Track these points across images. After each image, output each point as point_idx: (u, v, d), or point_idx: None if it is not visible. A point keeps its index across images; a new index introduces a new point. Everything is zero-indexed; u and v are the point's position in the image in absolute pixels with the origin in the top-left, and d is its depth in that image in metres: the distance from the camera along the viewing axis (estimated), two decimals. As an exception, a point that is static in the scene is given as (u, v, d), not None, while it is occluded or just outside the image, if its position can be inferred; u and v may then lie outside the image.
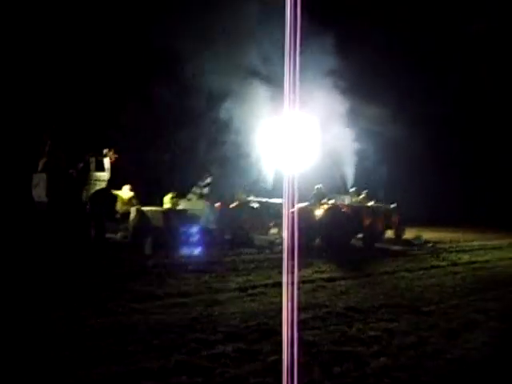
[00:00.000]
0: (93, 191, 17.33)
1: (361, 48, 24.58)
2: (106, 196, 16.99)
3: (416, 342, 6.77)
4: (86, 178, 17.37)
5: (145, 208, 16.80)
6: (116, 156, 17.89)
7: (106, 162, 17.80)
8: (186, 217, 17.69)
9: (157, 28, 19.44)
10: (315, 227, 18.53)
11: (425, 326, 7.60)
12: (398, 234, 23.16)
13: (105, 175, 17.71)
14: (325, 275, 12.28)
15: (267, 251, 16.63)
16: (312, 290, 10.27)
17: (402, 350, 6.39)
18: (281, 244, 16.72)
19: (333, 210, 19.37)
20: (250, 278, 11.55)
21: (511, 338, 7.20)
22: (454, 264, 15.71)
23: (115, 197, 16.95)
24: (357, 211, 20.55)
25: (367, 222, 20.40)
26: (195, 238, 16.19)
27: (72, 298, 8.64)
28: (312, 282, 11.13)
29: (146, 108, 24.99)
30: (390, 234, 22.98)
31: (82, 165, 17.48)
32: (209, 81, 19.62)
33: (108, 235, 17.07)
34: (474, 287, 11.53)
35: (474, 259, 17.01)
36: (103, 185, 17.55)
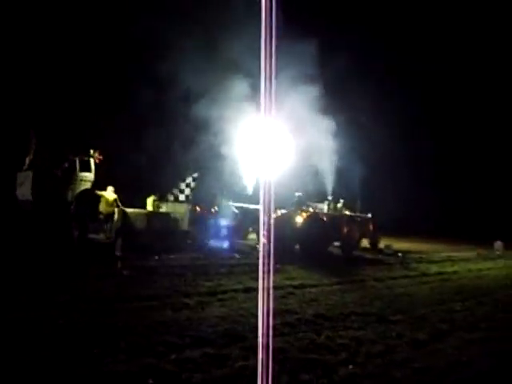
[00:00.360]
0: (78, 191, 17.22)
1: (338, 53, 24.80)
2: (91, 197, 16.89)
3: (383, 350, 6.80)
4: (71, 178, 17.24)
5: (128, 210, 16.84)
6: (101, 157, 17.79)
7: (92, 162, 17.72)
8: (168, 220, 17.94)
9: (134, 25, 19.29)
10: (295, 234, 18.99)
11: (392, 335, 7.65)
12: (374, 243, 23.63)
13: (90, 176, 17.61)
14: (295, 282, 12.29)
15: (237, 256, 16.66)
16: (282, 296, 10.26)
17: (369, 358, 6.42)
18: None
19: (312, 218, 19.88)
20: (221, 282, 11.51)
21: (477, 347, 7.29)
22: (423, 274, 15.94)
23: (99, 197, 16.84)
24: (335, 219, 21.03)
25: (345, 230, 20.95)
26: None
27: (38, 298, 8.47)
28: (282, 288, 11.13)
29: (126, 109, 24.89)
30: (365, 242, 23.35)
31: (67, 165, 17.34)
32: (186, 79, 19.49)
33: (91, 236, 16.99)
34: (442, 297, 11.68)
35: (442, 270, 17.27)
36: (88, 185, 17.44)
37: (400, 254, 21.54)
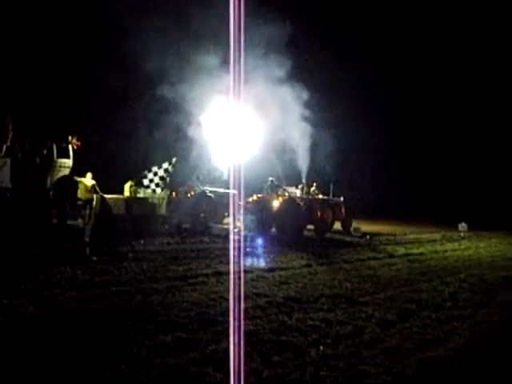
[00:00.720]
0: (56, 178, 17.08)
1: (310, 31, 24.85)
2: (70, 183, 16.77)
3: (353, 331, 6.93)
4: (49, 165, 17.14)
5: (107, 196, 16.79)
6: (79, 143, 17.64)
7: (70, 148, 17.53)
8: (146, 205, 18.06)
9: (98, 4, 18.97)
10: (271, 218, 19.63)
11: (361, 316, 7.80)
12: (346, 226, 24.15)
13: (68, 162, 17.53)
14: (266, 265, 12.37)
15: (207, 240, 16.68)
16: (252, 279, 10.32)
17: (339, 339, 6.53)
18: (239, 234, 16.81)
19: (288, 202, 20.25)
20: (191, 267, 11.50)
21: (442, 326, 7.49)
22: (391, 256, 16.21)
23: (78, 184, 16.73)
24: (309, 203, 21.42)
25: (318, 213, 21.41)
26: None
27: (9, 285, 8.33)
28: (252, 271, 11.19)
29: (98, 95, 24.62)
30: (337, 225, 23.73)
31: (45, 151, 17.16)
32: (155, 63, 19.23)
33: (69, 222, 16.89)
34: (409, 278, 11.92)
35: (409, 252, 17.59)
36: (67, 171, 17.41)
37: (368, 236, 21.85)
